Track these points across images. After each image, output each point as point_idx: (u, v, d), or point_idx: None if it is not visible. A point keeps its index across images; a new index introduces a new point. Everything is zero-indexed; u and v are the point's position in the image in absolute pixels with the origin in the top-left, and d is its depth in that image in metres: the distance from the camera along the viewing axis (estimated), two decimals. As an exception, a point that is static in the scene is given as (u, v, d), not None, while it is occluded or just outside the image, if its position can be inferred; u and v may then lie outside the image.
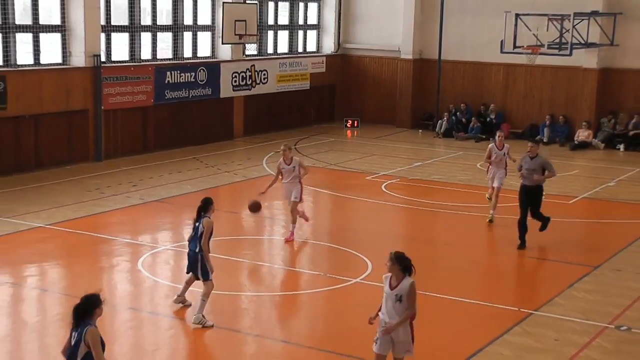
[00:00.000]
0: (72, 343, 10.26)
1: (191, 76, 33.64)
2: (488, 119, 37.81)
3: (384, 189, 26.96)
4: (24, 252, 20.29)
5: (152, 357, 14.68)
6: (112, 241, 21.15)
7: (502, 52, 33.18)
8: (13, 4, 28.22)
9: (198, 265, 15.40)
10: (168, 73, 32.66)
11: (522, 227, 20.54)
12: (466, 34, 38.34)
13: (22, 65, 28.70)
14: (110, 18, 31.09)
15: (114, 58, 31.53)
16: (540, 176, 20.20)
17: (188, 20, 34.30)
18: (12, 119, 27.82)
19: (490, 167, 23.22)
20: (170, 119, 33.16)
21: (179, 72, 33.14)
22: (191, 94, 33.68)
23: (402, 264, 11.50)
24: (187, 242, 16.05)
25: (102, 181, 27.43)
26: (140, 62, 32.30)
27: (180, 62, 33.83)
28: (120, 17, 31.74)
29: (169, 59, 33.74)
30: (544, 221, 20.78)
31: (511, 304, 17.17)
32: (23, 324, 16.36)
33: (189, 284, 16.14)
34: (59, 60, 29.84)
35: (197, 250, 15.38)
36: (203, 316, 15.13)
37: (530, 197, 20.47)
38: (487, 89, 38.78)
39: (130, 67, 31.58)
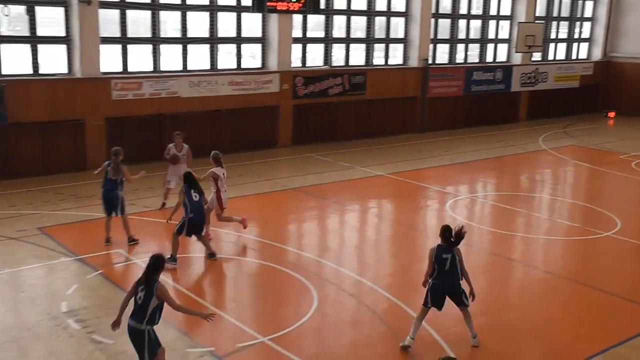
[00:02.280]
0: (142, 297, 9.33)
1: (491, 75, 33.66)
2: None
3: (633, 166, 25.67)
4: (370, 191, 21.42)
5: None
6: (428, 189, 21.77)
7: None
8: (374, 24, 29.64)
9: (462, 292, 11.24)
10: (474, 72, 32.93)
11: None
12: None
13: (377, 65, 30.08)
14: (437, 34, 31.86)
15: (437, 61, 32.18)
16: None
17: (492, 34, 34.42)
18: (367, 101, 29.22)
19: None
20: (474, 105, 33.31)
21: (482, 72, 33.29)
22: (490, 88, 33.74)
23: None
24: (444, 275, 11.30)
25: (424, 147, 28.21)
26: (455, 65, 32.84)
27: (483, 64, 34.01)
28: (444, 32, 32.37)
29: (476, 63, 34.00)
30: None
31: None
32: (367, 238, 17.60)
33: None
34: (401, 62, 30.98)
35: (461, 279, 11.27)
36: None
37: None
38: None
39: (448, 68, 32.15)
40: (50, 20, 22.38)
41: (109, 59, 23.17)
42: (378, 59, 30.31)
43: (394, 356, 11.05)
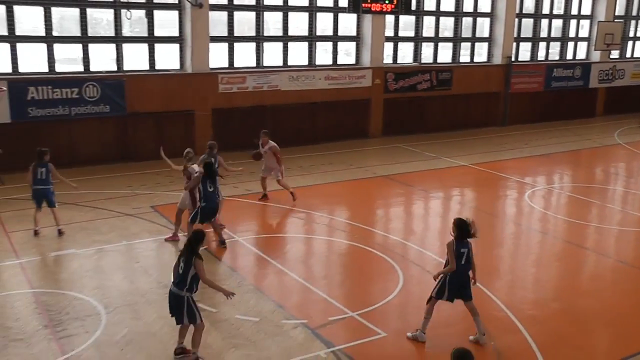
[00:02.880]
0: (182, 267, 9.72)
1: (570, 72, 32.65)
2: None
3: None
4: (453, 180, 21.18)
5: (526, 258, 14.91)
6: (508, 179, 21.35)
7: None
8: (461, 24, 29.30)
9: (469, 286, 10.65)
10: (555, 69, 32.01)
11: None
12: None
13: (463, 62, 29.67)
14: (520, 32, 31.08)
15: (519, 59, 31.40)
16: None
17: (572, 33, 33.44)
18: (453, 96, 28.84)
19: None
20: (553, 100, 32.37)
21: (562, 69, 32.32)
22: (569, 85, 32.70)
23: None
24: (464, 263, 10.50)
25: (505, 139, 27.67)
26: (536, 62, 32.01)
27: (563, 62, 33.01)
28: (527, 31, 31.61)
29: (556, 60, 33.03)
30: None
31: None
32: (449, 223, 17.33)
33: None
34: (485, 60, 30.46)
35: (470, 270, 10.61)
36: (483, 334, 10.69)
37: None
38: None
39: (530, 65, 31.39)
40: (166, 22, 22.91)
41: (217, 56, 23.58)
42: (464, 57, 29.88)
43: (470, 335, 10.97)
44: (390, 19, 27.08)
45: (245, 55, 24.37)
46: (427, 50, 28.73)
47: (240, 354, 10.23)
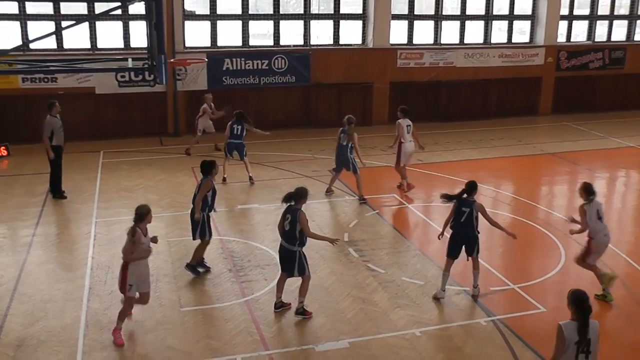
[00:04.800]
0: (288, 224, 9.85)
1: None
2: None
3: None
4: (619, 161, 19.92)
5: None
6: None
7: None
8: (638, 1, 27.30)
9: (474, 243, 10.80)
10: None
11: None
12: None
13: (637, 41, 27.21)
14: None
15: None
16: None
17: None
18: (625, 75, 26.70)
19: None
20: None
21: None
22: None
23: None
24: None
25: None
26: None
27: None
28: None
29: None
30: None
31: None
32: (612, 204, 16.22)
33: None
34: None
35: (477, 232, 10.89)
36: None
37: None
38: None
39: None
40: (351, 0, 23.06)
41: (397, 33, 23.44)
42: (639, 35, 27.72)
43: (632, 319, 10.37)
44: (566, -3, 25.67)
45: (423, 33, 24.06)
46: (600, 29, 26.95)
47: (404, 313, 10.29)
